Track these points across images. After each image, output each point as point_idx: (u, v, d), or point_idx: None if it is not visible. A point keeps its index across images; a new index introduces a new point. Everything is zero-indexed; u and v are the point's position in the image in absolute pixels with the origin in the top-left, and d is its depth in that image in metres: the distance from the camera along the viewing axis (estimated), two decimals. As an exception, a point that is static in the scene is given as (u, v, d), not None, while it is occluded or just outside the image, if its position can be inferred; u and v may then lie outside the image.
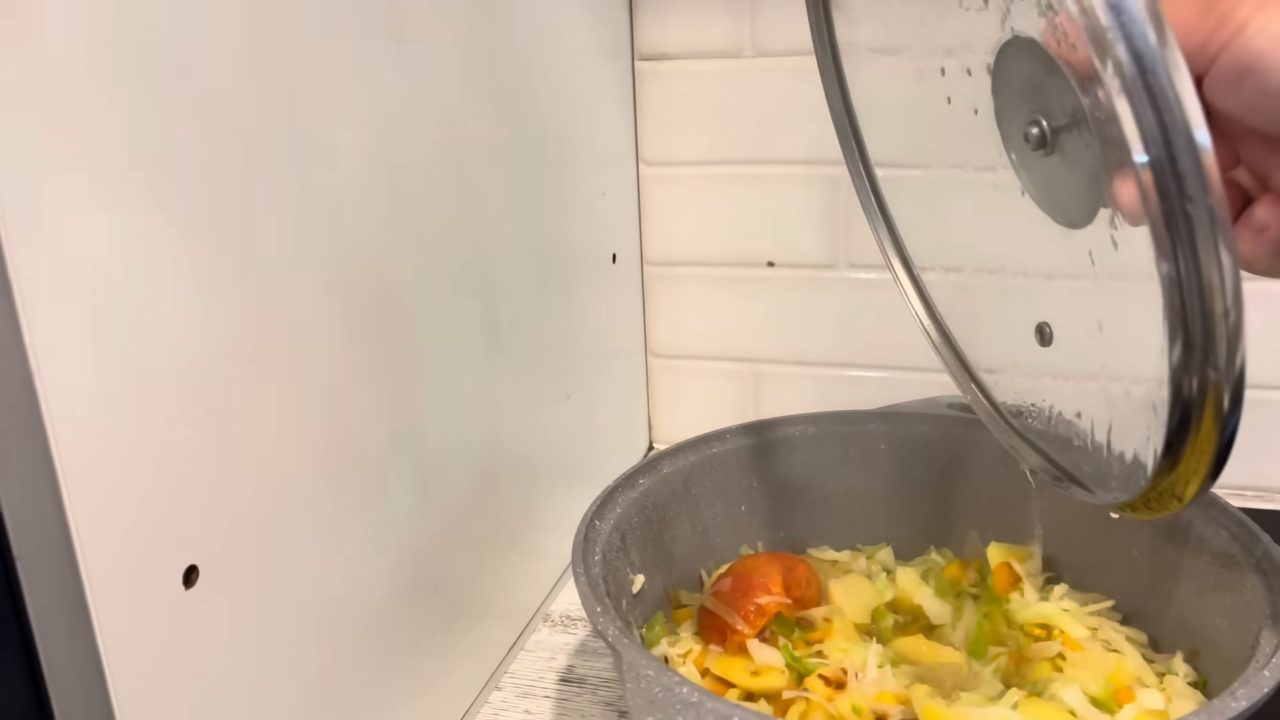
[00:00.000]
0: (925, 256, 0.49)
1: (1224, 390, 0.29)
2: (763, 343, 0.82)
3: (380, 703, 0.47)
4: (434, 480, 0.51)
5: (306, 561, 0.40)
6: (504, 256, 0.57)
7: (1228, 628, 0.43)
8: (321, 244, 0.41)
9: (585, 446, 0.71)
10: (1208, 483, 0.32)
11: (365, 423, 0.45)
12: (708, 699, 0.35)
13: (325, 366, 0.42)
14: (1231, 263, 0.27)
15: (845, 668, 0.45)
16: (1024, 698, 0.42)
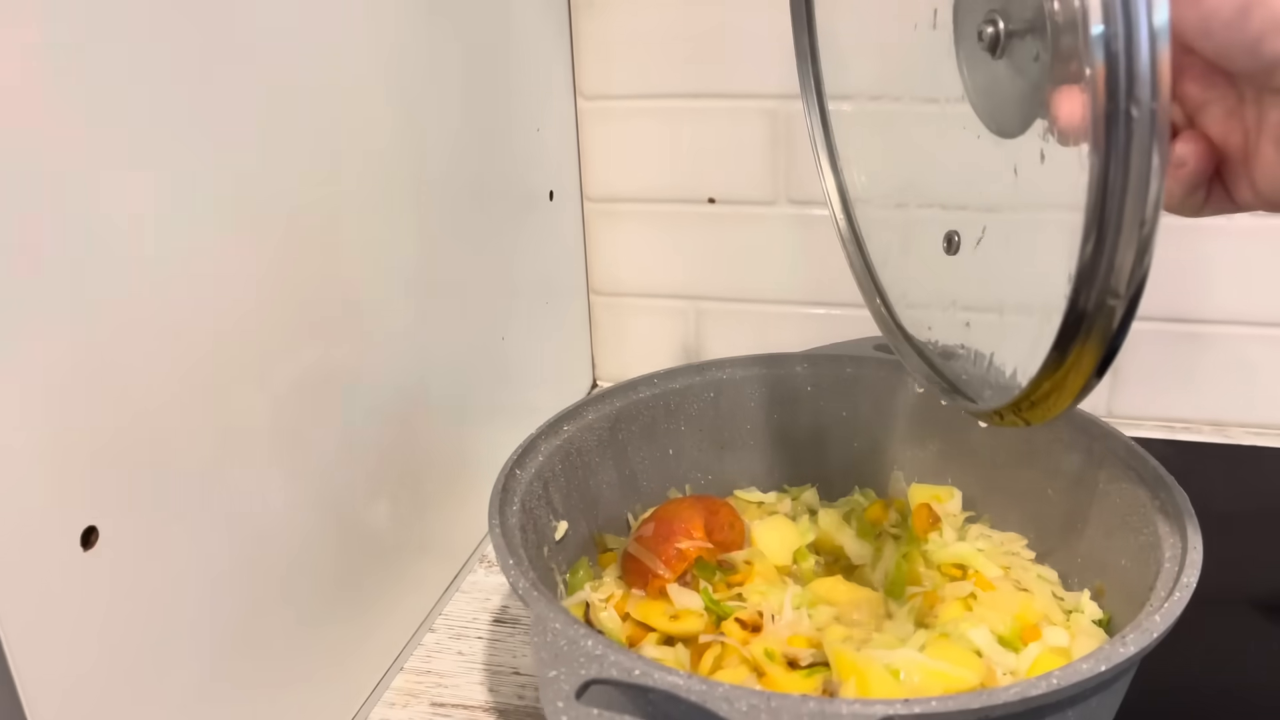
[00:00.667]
0: (856, 174, 0.50)
1: (1119, 307, 0.30)
2: (705, 280, 0.81)
3: (307, 652, 0.48)
4: (358, 426, 0.50)
5: (215, 517, 0.40)
6: (434, 195, 0.56)
7: (1130, 568, 0.44)
8: (239, 178, 0.40)
9: (525, 386, 0.71)
10: (1079, 397, 0.33)
11: (281, 368, 0.44)
12: (612, 652, 0.35)
13: (237, 308, 0.41)
14: (1160, 175, 0.27)
15: (762, 610, 0.46)
16: (933, 638, 0.43)
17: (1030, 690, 0.33)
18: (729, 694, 0.33)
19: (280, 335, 0.44)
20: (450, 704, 0.53)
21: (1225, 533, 0.60)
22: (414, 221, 0.54)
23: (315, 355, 0.46)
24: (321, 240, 0.46)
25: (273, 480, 0.43)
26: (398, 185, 0.52)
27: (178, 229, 0.37)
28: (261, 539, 0.43)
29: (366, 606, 0.52)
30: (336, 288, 0.47)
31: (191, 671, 0.40)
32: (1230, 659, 0.51)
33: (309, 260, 0.45)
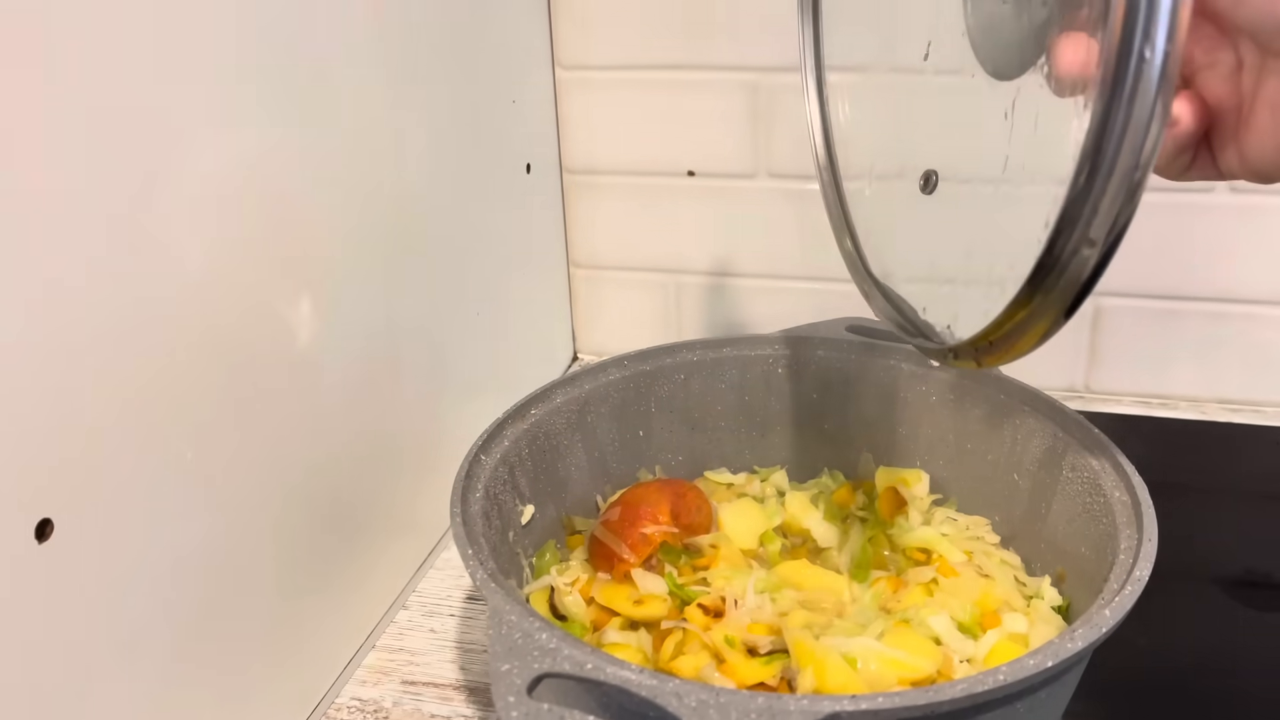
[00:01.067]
0: (841, 106, 0.50)
1: (1094, 255, 0.29)
2: (685, 254, 0.81)
3: (276, 632, 0.48)
4: (325, 401, 0.50)
5: (174, 500, 0.40)
6: (405, 167, 0.55)
7: (1090, 555, 0.44)
8: (210, 156, 0.40)
9: (503, 360, 0.71)
10: (1039, 343, 0.33)
11: (241, 341, 0.44)
12: (566, 645, 0.35)
13: (192, 280, 0.40)
14: (1161, 122, 0.27)
15: (725, 596, 0.46)
16: (893, 626, 0.44)
17: (976, 687, 0.33)
18: (679, 689, 0.33)
19: (240, 307, 0.43)
20: (421, 682, 0.54)
21: (1199, 510, 0.61)
22: (384, 193, 0.53)
23: (277, 327, 0.46)
24: (286, 210, 0.46)
25: (235, 458, 0.43)
26: (366, 157, 0.52)
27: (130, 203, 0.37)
28: (224, 519, 0.43)
29: (337, 584, 0.53)
30: (301, 258, 0.47)
31: (156, 654, 0.40)
32: (1196, 637, 0.51)
33: (273, 230, 0.45)
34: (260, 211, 0.44)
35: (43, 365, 0.34)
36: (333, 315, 0.50)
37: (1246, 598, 0.55)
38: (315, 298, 0.48)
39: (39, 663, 0.35)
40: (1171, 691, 0.49)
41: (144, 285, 0.38)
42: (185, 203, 0.40)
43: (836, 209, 0.49)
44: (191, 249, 0.40)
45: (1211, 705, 0.48)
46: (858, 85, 0.49)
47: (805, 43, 0.49)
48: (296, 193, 0.46)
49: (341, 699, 0.53)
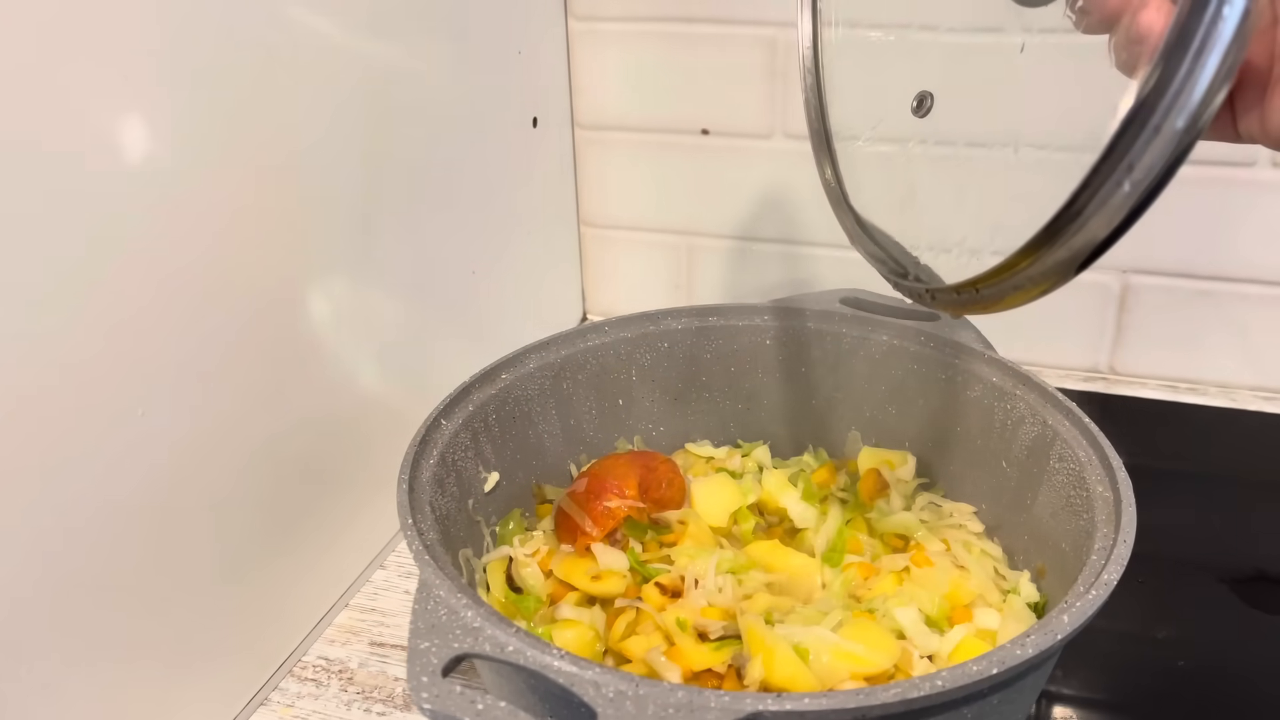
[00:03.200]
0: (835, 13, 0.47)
1: (1119, 214, 0.27)
2: (697, 215, 0.79)
3: (243, 587, 0.48)
4: (308, 359, 0.49)
5: (118, 454, 0.39)
6: (398, 117, 0.54)
7: (1069, 552, 0.42)
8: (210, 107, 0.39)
9: (504, 318, 0.69)
10: (1028, 301, 0.31)
11: (218, 298, 0.43)
12: (490, 626, 0.34)
13: (170, 229, 0.40)
14: (1225, 85, 0.24)
15: (685, 575, 0.44)
16: (855, 616, 0.42)
17: (911, 692, 0.31)
18: (597, 679, 0.32)
19: (212, 254, 0.42)
20: (389, 644, 0.54)
21: (1220, 502, 0.58)
22: (370, 144, 0.52)
23: (254, 279, 0.45)
24: (268, 160, 0.45)
25: (192, 405, 0.43)
26: (356, 107, 0.50)
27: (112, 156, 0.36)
28: (182, 469, 0.43)
29: (312, 541, 0.52)
30: (282, 210, 0.46)
31: (105, 605, 0.40)
32: (1206, 634, 0.49)
33: (253, 182, 0.44)
34: (242, 161, 0.43)
35: None
36: (315, 268, 0.49)
37: (1253, 596, 0.52)
38: (296, 250, 0.47)
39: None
40: (1173, 687, 0.47)
41: (103, 227, 0.37)
42: (168, 150, 0.39)
43: (820, 132, 0.46)
44: (166, 195, 0.39)
45: (1219, 704, 0.46)
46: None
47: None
48: (278, 143, 0.45)
49: (309, 658, 0.53)
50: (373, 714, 0.49)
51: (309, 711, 0.50)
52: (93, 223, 0.37)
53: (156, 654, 0.43)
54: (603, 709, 0.31)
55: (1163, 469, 0.42)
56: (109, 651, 0.41)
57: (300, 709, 0.50)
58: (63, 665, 0.38)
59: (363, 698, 0.50)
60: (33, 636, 0.37)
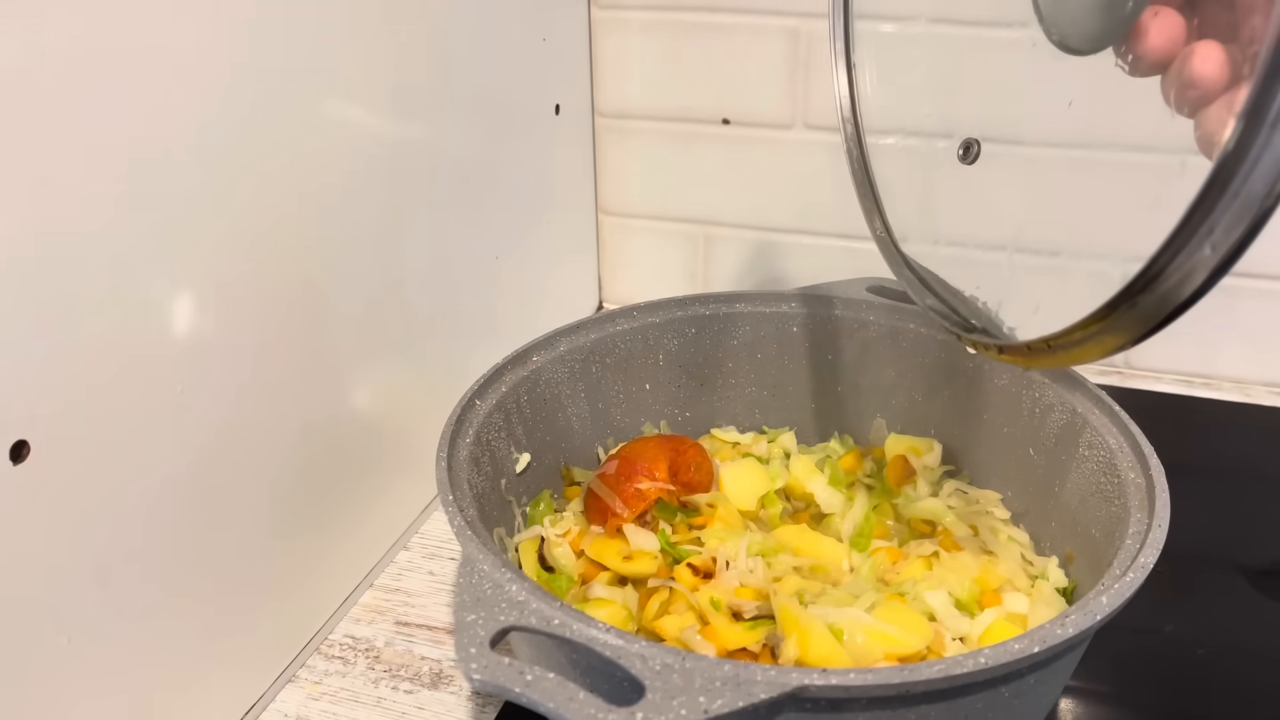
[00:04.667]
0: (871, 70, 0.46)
1: (1197, 279, 0.26)
2: (716, 205, 0.79)
3: (270, 566, 0.48)
4: (336, 342, 0.50)
5: (160, 426, 0.40)
6: (426, 107, 0.54)
7: (1100, 538, 0.42)
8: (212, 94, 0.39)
9: (523, 305, 0.70)
10: (1102, 357, 0.31)
11: (249, 279, 0.43)
12: (534, 599, 0.35)
13: (202, 209, 0.40)
14: None
15: (717, 557, 0.45)
16: (887, 598, 0.42)
17: (955, 668, 0.32)
18: (644, 651, 0.32)
19: (240, 236, 0.43)
20: (415, 624, 0.54)
21: (1233, 496, 0.58)
22: (395, 129, 0.52)
23: (277, 257, 0.45)
24: (296, 146, 0.45)
25: (227, 388, 0.43)
26: (385, 94, 0.50)
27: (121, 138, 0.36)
28: (216, 449, 0.43)
29: (338, 522, 0.53)
30: (308, 194, 0.46)
31: (140, 584, 0.40)
32: (1218, 627, 0.49)
33: (279, 165, 0.44)
34: (267, 146, 0.43)
35: (26, 281, 0.33)
36: (341, 251, 0.49)
37: (1271, 588, 0.53)
38: (320, 233, 0.47)
39: (11, 588, 0.35)
40: (1190, 680, 0.47)
41: (139, 205, 0.37)
42: (191, 137, 0.39)
43: (865, 184, 0.46)
44: (192, 177, 0.39)
45: (1229, 696, 0.46)
46: (892, 40, 0.46)
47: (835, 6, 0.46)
48: (302, 128, 0.45)
49: (335, 636, 0.53)
50: (400, 692, 0.50)
51: (337, 689, 0.50)
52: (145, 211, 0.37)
53: (187, 629, 0.43)
54: (650, 681, 0.32)
55: (1177, 462, 0.43)
56: (142, 626, 0.41)
57: (328, 686, 0.50)
58: (96, 639, 0.39)
59: (390, 676, 0.51)
60: (69, 607, 0.37)
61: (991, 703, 0.35)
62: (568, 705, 0.30)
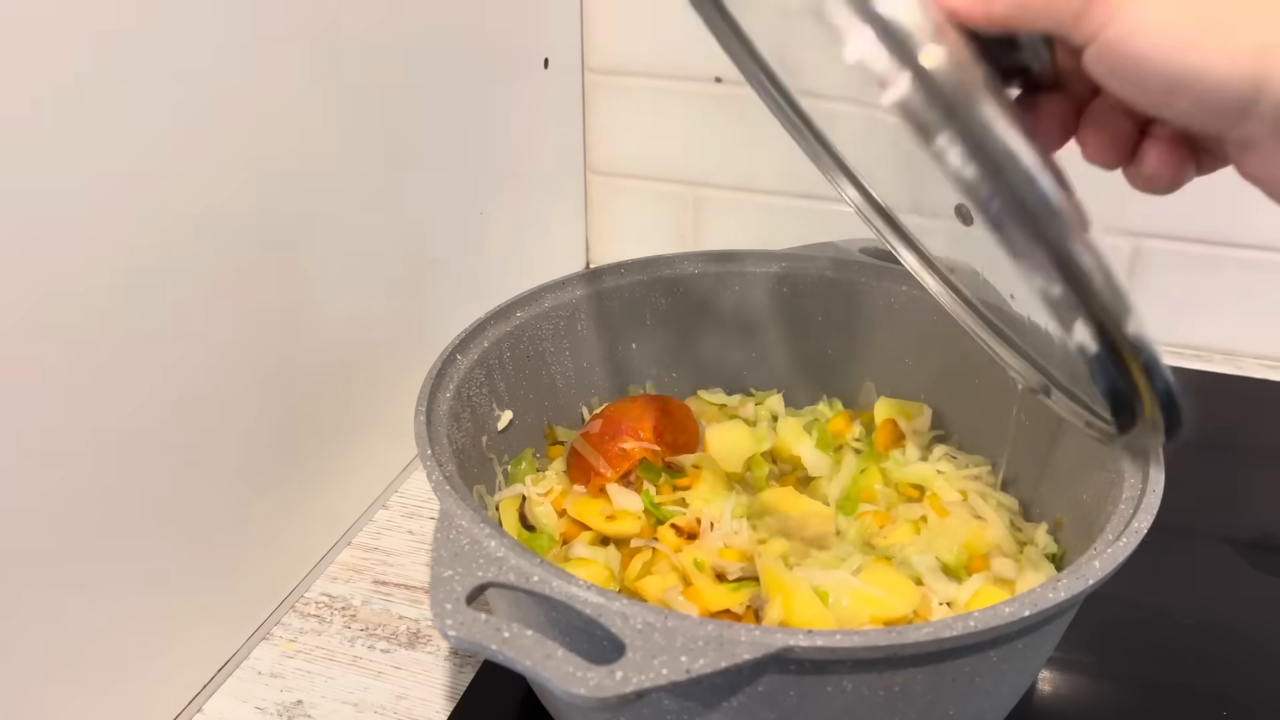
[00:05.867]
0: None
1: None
2: (706, 165, 0.77)
3: (245, 522, 0.47)
4: (313, 295, 0.48)
5: (123, 382, 0.38)
6: (417, 57, 0.52)
7: (1091, 503, 0.41)
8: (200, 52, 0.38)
9: (507, 264, 0.68)
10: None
11: (230, 231, 0.42)
12: (513, 555, 0.34)
13: (184, 163, 0.39)
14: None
15: (701, 518, 0.44)
16: (873, 561, 0.42)
17: (944, 631, 0.31)
18: (625, 610, 0.31)
19: (225, 188, 0.41)
20: (393, 583, 0.53)
21: (1219, 467, 0.58)
22: (376, 81, 0.50)
23: (252, 206, 0.44)
24: (285, 94, 0.43)
25: (197, 335, 0.42)
26: (370, 40, 0.49)
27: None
28: (187, 400, 0.42)
29: (315, 478, 0.51)
30: (287, 150, 0.45)
31: (109, 539, 0.39)
32: (1202, 597, 0.49)
33: (258, 120, 0.42)
34: (248, 102, 0.41)
35: None
36: (320, 203, 0.47)
37: (1258, 560, 0.52)
38: (301, 188, 0.46)
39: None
40: (1177, 652, 0.47)
41: (120, 155, 0.36)
42: (172, 91, 0.37)
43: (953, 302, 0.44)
44: (176, 132, 0.38)
45: (1216, 668, 0.46)
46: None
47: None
48: (281, 82, 0.44)
49: (311, 594, 0.52)
50: (376, 651, 0.49)
51: (312, 647, 0.49)
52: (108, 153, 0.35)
53: (160, 584, 0.42)
54: (631, 640, 0.31)
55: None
56: (112, 580, 0.40)
57: (303, 644, 0.49)
58: (68, 591, 0.38)
59: (366, 634, 0.50)
60: (40, 561, 0.36)
61: (979, 667, 0.34)
62: (545, 663, 0.29)
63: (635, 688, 0.29)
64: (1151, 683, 0.45)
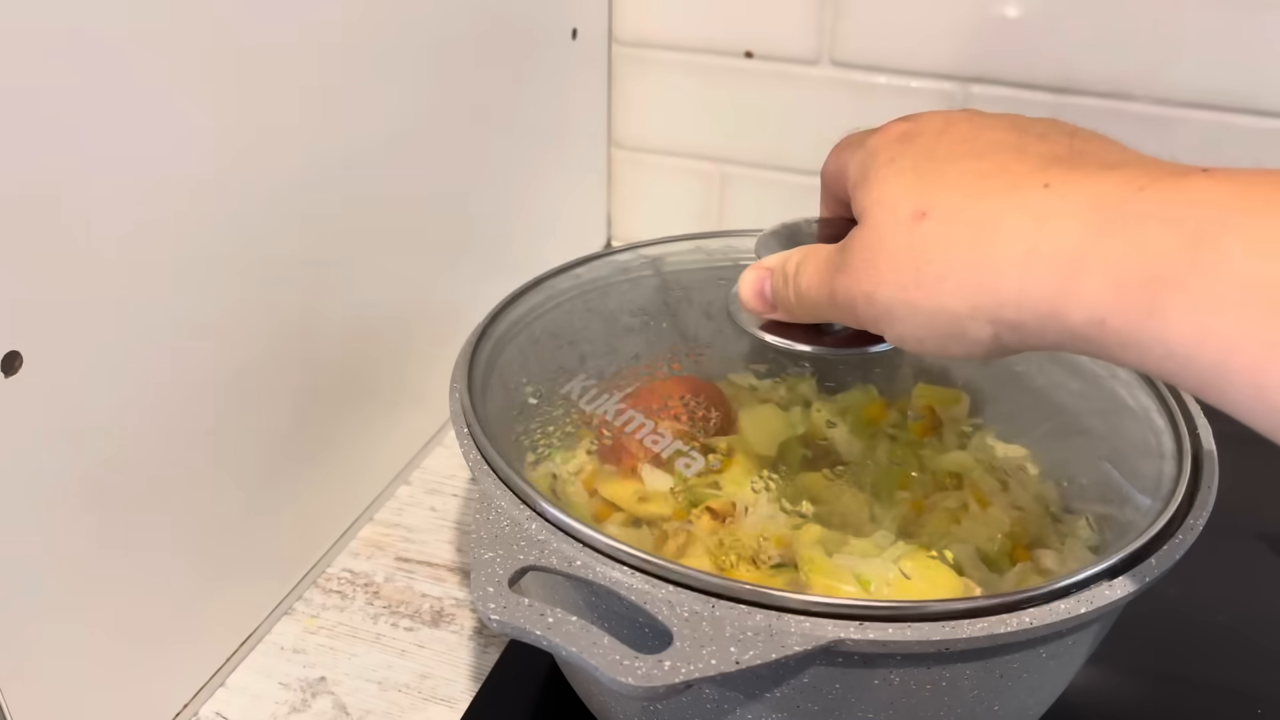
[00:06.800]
0: None
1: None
2: (733, 141, 0.76)
3: (267, 494, 0.46)
4: (339, 267, 0.48)
5: (156, 344, 0.38)
6: (433, 25, 0.51)
7: (1138, 498, 0.40)
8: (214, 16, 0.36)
9: (530, 237, 0.67)
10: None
11: (254, 201, 0.41)
12: (555, 538, 0.33)
13: (209, 132, 0.38)
14: None
15: (736, 502, 0.43)
16: (912, 550, 0.41)
17: (998, 627, 0.30)
18: (671, 597, 0.31)
19: (250, 158, 0.40)
20: (415, 560, 0.52)
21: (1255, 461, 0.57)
22: (406, 49, 0.49)
23: (286, 183, 0.43)
24: (302, 61, 0.42)
25: (229, 308, 0.41)
26: (392, 13, 0.47)
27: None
28: (217, 372, 0.41)
29: (337, 453, 0.51)
30: (309, 108, 0.43)
31: (135, 509, 0.38)
32: (1231, 592, 0.49)
33: (281, 88, 0.41)
34: (274, 71, 0.40)
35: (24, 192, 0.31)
36: (346, 178, 0.46)
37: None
38: (329, 156, 0.45)
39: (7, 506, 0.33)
40: (1202, 646, 0.46)
41: (147, 124, 0.35)
42: (196, 58, 0.36)
43: None
44: (203, 101, 0.37)
45: (1242, 664, 0.46)
46: None
47: None
48: (307, 49, 0.42)
49: (333, 569, 0.52)
50: (400, 629, 0.48)
51: (334, 623, 0.49)
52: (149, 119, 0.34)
53: (182, 557, 0.42)
54: (678, 629, 0.30)
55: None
56: (136, 552, 0.39)
57: (325, 620, 0.49)
58: (89, 565, 0.37)
59: (389, 612, 0.49)
60: (62, 532, 0.35)
61: (1028, 663, 0.33)
62: (592, 651, 0.29)
63: (684, 678, 0.28)
64: (1183, 678, 0.45)
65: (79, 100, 0.32)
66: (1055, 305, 0.27)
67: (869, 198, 0.32)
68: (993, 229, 0.28)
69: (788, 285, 0.37)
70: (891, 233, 0.31)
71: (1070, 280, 0.27)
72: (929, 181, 0.31)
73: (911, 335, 0.31)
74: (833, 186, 0.39)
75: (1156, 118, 0.64)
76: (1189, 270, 0.24)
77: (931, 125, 0.33)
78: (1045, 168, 0.29)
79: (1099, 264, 0.26)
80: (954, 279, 0.29)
